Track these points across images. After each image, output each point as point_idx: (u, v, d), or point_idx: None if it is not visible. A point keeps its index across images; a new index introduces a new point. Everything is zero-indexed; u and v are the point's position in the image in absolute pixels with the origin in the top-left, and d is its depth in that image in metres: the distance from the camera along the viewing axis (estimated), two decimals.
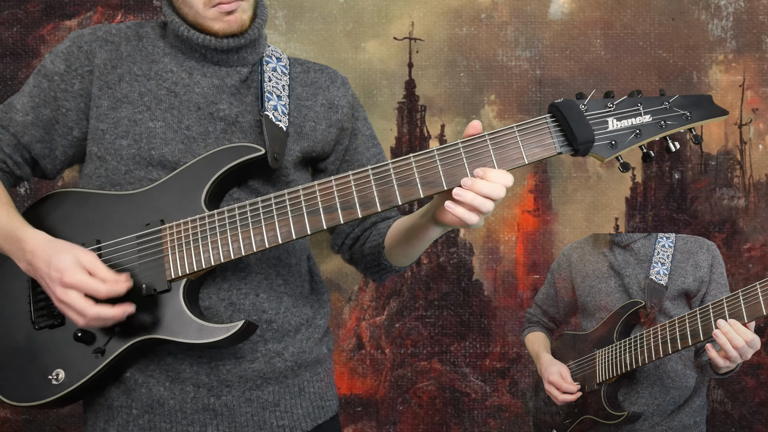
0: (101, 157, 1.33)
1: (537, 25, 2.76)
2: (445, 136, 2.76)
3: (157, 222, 1.27)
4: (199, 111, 1.34)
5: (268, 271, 1.36)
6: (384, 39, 2.71)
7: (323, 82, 1.46)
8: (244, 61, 1.40)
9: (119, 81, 1.35)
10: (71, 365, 1.25)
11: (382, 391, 2.75)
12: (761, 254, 2.73)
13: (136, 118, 1.32)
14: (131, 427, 1.31)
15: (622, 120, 1.20)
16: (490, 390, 2.75)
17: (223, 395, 1.32)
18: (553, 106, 1.20)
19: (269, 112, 1.34)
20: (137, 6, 2.74)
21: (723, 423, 2.72)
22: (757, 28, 2.75)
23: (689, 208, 2.74)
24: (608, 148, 1.19)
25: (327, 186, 1.22)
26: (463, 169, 1.19)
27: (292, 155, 1.38)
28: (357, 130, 1.49)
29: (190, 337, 1.22)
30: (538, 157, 1.19)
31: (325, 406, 1.43)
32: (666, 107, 1.20)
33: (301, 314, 1.41)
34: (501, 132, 1.20)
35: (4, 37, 2.70)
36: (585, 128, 1.17)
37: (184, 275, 1.24)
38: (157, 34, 1.42)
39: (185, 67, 1.37)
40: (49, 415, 2.69)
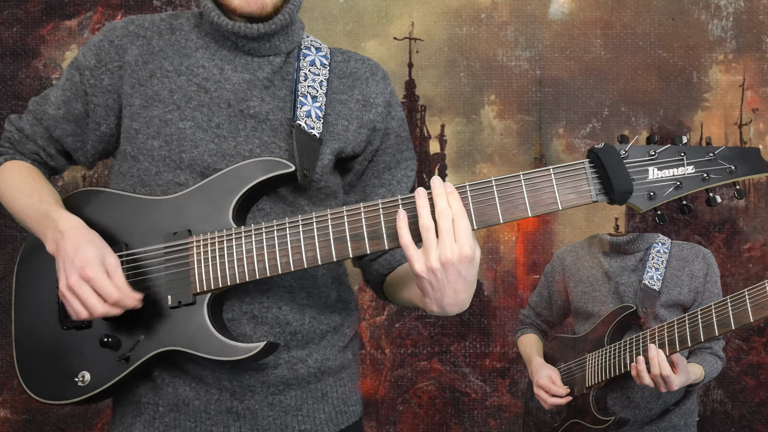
0: (134, 156, 1.32)
1: (537, 25, 2.76)
2: (445, 136, 2.76)
3: (184, 232, 1.26)
4: (230, 108, 1.31)
5: (291, 284, 1.34)
6: (384, 39, 2.71)
7: (362, 74, 1.40)
8: (277, 49, 1.36)
9: (150, 77, 1.33)
10: (96, 369, 1.27)
11: (382, 391, 2.75)
12: (761, 254, 2.73)
13: (166, 118, 1.30)
14: (157, 423, 1.32)
15: (664, 170, 1.15)
16: (490, 390, 2.75)
17: (245, 399, 1.31)
18: (592, 151, 1.15)
19: (301, 120, 1.31)
20: (137, 6, 2.74)
21: (723, 423, 2.72)
22: (757, 28, 2.75)
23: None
24: (646, 199, 1.14)
25: (355, 213, 1.18)
26: (495, 209, 1.14)
27: (324, 160, 1.33)
28: (390, 130, 1.42)
29: (212, 353, 1.22)
30: (572, 204, 1.15)
31: (348, 411, 1.41)
32: (710, 159, 1.15)
33: (328, 321, 1.39)
34: (536, 173, 1.15)
35: (4, 37, 2.70)
36: (623, 178, 1.12)
37: (209, 290, 1.24)
38: (191, 24, 1.38)
39: (216, 61, 1.34)
40: (49, 415, 2.69)
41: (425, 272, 1.11)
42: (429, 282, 1.12)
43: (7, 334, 2.71)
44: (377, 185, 1.41)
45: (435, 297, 1.14)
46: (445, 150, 2.77)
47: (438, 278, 1.12)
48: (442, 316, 1.20)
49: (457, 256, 1.10)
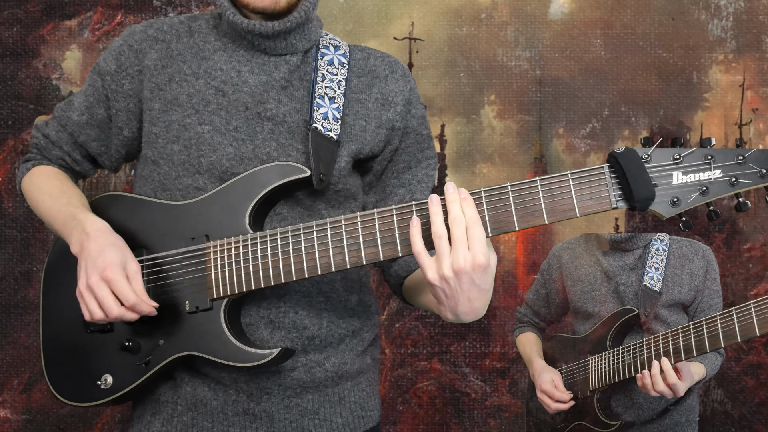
0: (155, 161, 1.33)
1: (537, 25, 2.76)
2: (445, 136, 2.76)
3: (202, 237, 1.27)
4: (247, 111, 1.31)
5: (309, 289, 1.34)
6: (384, 39, 2.71)
7: (382, 71, 1.38)
8: (293, 48, 1.34)
9: (169, 81, 1.33)
10: (118, 372, 1.29)
11: (382, 391, 2.75)
12: (761, 254, 2.73)
13: (185, 123, 1.31)
14: (175, 422, 1.33)
15: (689, 174, 1.09)
16: (490, 390, 2.75)
17: (262, 401, 1.31)
18: (612, 156, 1.10)
19: (318, 123, 1.29)
20: (137, 6, 2.74)
21: (723, 423, 2.72)
22: (757, 28, 2.75)
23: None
24: (669, 205, 1.09)
25: (369, 219, 1.17)
26: (511, 216, 1.11)
27: (341, 162, 1.32)
28: (410, 128, 1.39)
29: (228, 358, 1.23)
30: (591, 211, 1.10)
31: (366, 416, 1.40)
32: (740, 162, 1.09)
33: (347, 326, 1.38)
34: (553, 179, 1.11)
35: (4, 37, 2.70)
36: (644, 184, 1.07)
37: (226, 296, 1.25)
38: (210, 26, 1.38)
39: (234, 63, 1.33)
40: (49, 415, 2.69)
41: (438, 280, 1.10)
42: (442, 290, 1.11)
43: (7, 335, 2.71)
44: (397, 185, 1.40)
45: (449, 305, 1.12)
46: (445, 150, 2.77)
47: (451, 286, 1.10)
48: (459, 322, 1.17)
49: (470, 264, 1.08)
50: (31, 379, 2.71)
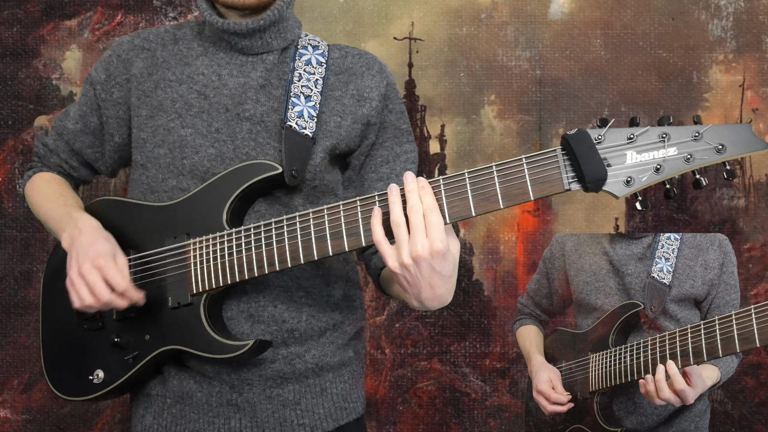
0: (144, 165, 1.40)
1: (537, 25, 2.76)
2: (445, 136, 2.76)
3: (183, 236, 1.33)
4: (228, 112, 1.36)
5: (288, 283, 1.38)
6: (384, 39, 2.72)
7: (358, 69, 1.42)
8: (270, 46, 1.39)
9: (155, 88, 1.39)
10: (109, 367, 1.37)
11: (382, 391, 2.75)
12: (761, 254, 2.73)
13: (169, 127, 1.37)
14: (165, 414, 1.40)
15: (643, 153, 1.08)
16: (490, 390, 2.75)
17: (244, 392, 1.36)
18: (564, 138, 1.10)
19: (292, 121, 1.34)
20: (137, 6, 2.73)
21: (723, 423, 2.72)
22: (757, 28, 2.75)
23: (689, 208, 2.74)
24: (623, 185, 1.08)
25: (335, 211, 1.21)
26: (468, 202, 1.13)
27: (317, 158, 1.36)
28: (387, 123, 1.43)
29: (207, 351, 1.30)
30: (545, 194, 1.11)
31: (349, 407, 1.43)
32: (696, 138, 1.07)
33: (328, 319, 1.41)
34: (509, 163, 1.13)
35: (4, 37, 2.70)
36: (596, 165, 1.07)
37: (205, 291, 1.30)
38: (194, 32, 1.44)
39: (215, 67, 1.39)
40: (49, 415, 2.69)
41: (398, 268, 1.13)
42: (404, 277, 1.14)
43: (7, 335, 2.71)
44: (375, 179, 1.43)
45: (412, 292, 1.15)
46: (445, 150, 2.77)
47: (412, 273, 1.12)
48: (426, 310, 1.21)
49: (428, 251, 1.10)
50: (31, 379, 2.71)
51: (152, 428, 1.40)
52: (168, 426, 1.38)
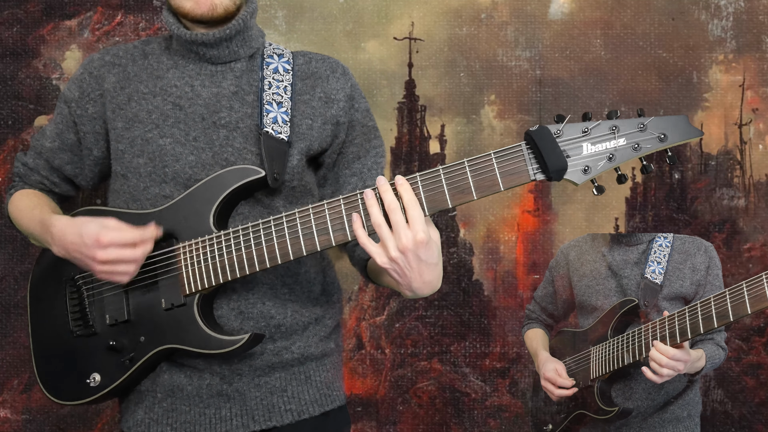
0: (124, 175, 1.44)
1: (537, 25, 2.76)
2: (445, 136, 2.76)
3: (171, 241, 1.39)
4: (204, 121, 1.42)
5: (274, 281, 1.45)
6: (384, 39, 2.71)
7: (323, 72, 1.49)
8: (236, 54, 1.46)
9: (129, 101, 1.44)
10: (105, 370, 1.42)
11: (382, 391, 2.75)
12: (761, 254, 2.73)
13: (147, 137, 1.42)
14: (156, 408, 1.44)
15: (597, 144, 1.22)
16: (490, 390, 2.75)
17: (234, 382, 1.43)
18: (527, 134, 1.23)
19: (268, 127, 1.40)
20: (137, 6, 2.73)
21: (723, 423, 2.72)
22: (757, 28, 2.75)
23: (689, 208, 2.74)
24: (581, 173, 1.21)
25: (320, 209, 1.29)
26: (444, 195, 1.22)
27: (293, 161, 1.43)
28: (355, 121, 1.51)
29: (204, 347, 1.36)
30: (513, 184, 1.23)
31: (332, 395, 1.52)
32: (641, 129, 1.22)
33: (310, 314, 1.49)
34: (479, 159, 1.24)
35: (4, 37, 2.70)
36: (557, 156, 1.20)
37: (198, 291, 1.36)
38: (162, 48, 1.50)
39: (186, 79, 1.45)
40: (49, 415, 2.69)
41: (388, 263, 1.22)
42: (394, 270, 1.22)
43: (7, 335, 2.71)
44: (349, 175, 1.51)
45: (404, 282, 1.24)
46: (445, 150, 2.77)
47: (401, 266, 1.21)
48: (418, 298, 1.32)
49: (412, 242, 1.19)
50: (31, 379, 2.71)
51: (144, 422, 1.44)
52: (159, 419, 1.43)
